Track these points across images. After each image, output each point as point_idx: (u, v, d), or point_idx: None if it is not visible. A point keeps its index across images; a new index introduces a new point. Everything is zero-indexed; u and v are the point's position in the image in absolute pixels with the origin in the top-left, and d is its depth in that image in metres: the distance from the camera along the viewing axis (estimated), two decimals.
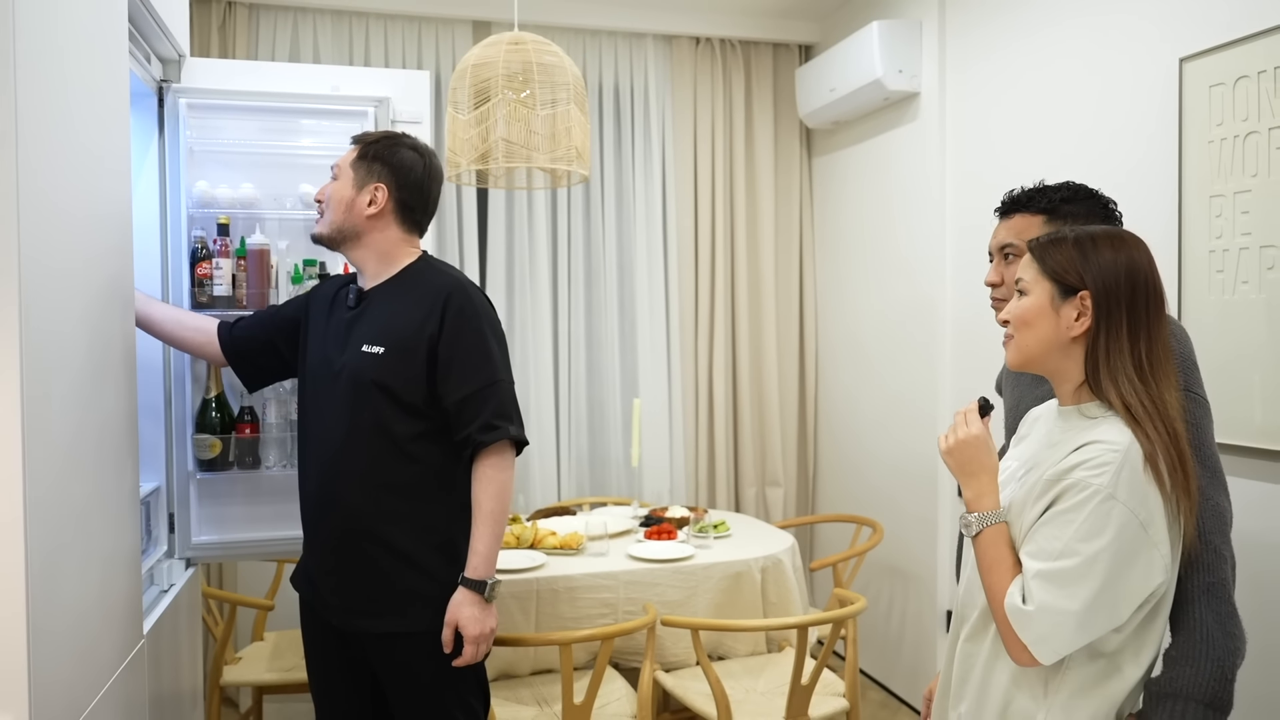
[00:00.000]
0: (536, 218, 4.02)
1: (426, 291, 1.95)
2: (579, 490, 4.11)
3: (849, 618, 2.50)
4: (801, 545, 4.26)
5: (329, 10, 3.78)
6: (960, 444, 1.40)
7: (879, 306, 3.86)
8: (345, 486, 1.91)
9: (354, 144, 2.04)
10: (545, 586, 2.70)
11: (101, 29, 1.69)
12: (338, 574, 1.94)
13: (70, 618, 1.44)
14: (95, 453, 1.58)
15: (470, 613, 1.86)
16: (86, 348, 1.55)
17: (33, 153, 1.31)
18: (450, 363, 1.90)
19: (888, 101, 3.67)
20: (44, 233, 1.36)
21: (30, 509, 1.28)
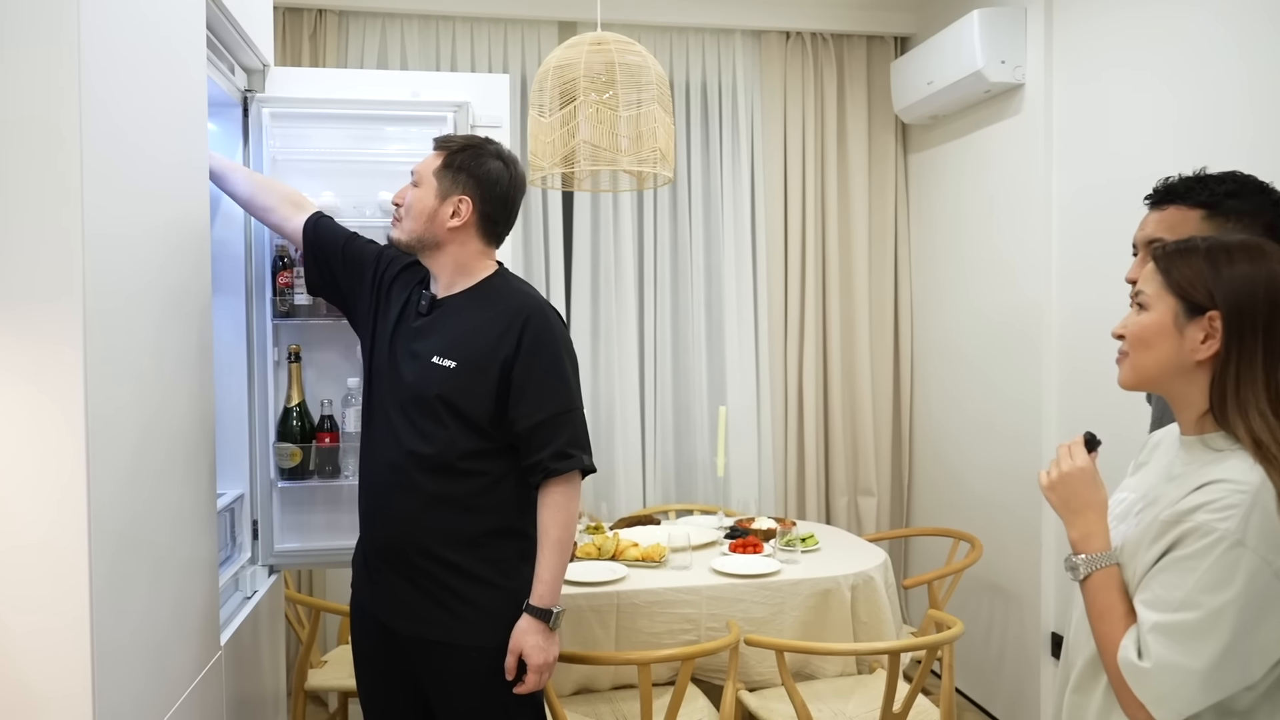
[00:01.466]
0: (622, 220, 3.96)
1: (504, 311, 1.89)
2: (664, 497, 4.03)
3: (944, 644, 2.36)
4: (895, 559, 4.10)
5: (416, 15, 3.79)
6: (1064, 478, 1.27)
7: (978, 310, 3.67)
8: (401, 496, 1.88)
9: (437, 148, 1.96)
10: (626, 600, 2.63)
11: (179, 41, 1.69)
12: (392, 583, 1.91)
13: (138, 633, 1.43)
14: (166, 463, 1.58)
15: (534, 641, 1.81)
16: (157, 356, 1.55)
17: (99, 158, 1.30)
18: (525, 387, 1.85)
19: (989, 94, 3.48)
20: (111, 242, 1.35)
21: (95, 522, 1.27)
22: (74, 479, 1.24)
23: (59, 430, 1.24)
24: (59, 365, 1.23)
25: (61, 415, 1.23)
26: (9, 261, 1.22)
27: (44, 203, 1.23)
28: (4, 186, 1.22)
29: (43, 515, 1.24)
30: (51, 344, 1.23)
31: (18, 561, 1.23)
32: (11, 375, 1.22)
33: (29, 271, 1.22)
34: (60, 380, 1.23)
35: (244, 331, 2.35)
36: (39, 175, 1.23)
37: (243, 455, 2.36)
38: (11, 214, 1.22)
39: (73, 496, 1.24)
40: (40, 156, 1.23)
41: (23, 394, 1.23)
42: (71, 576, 1.24)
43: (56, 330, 1.23)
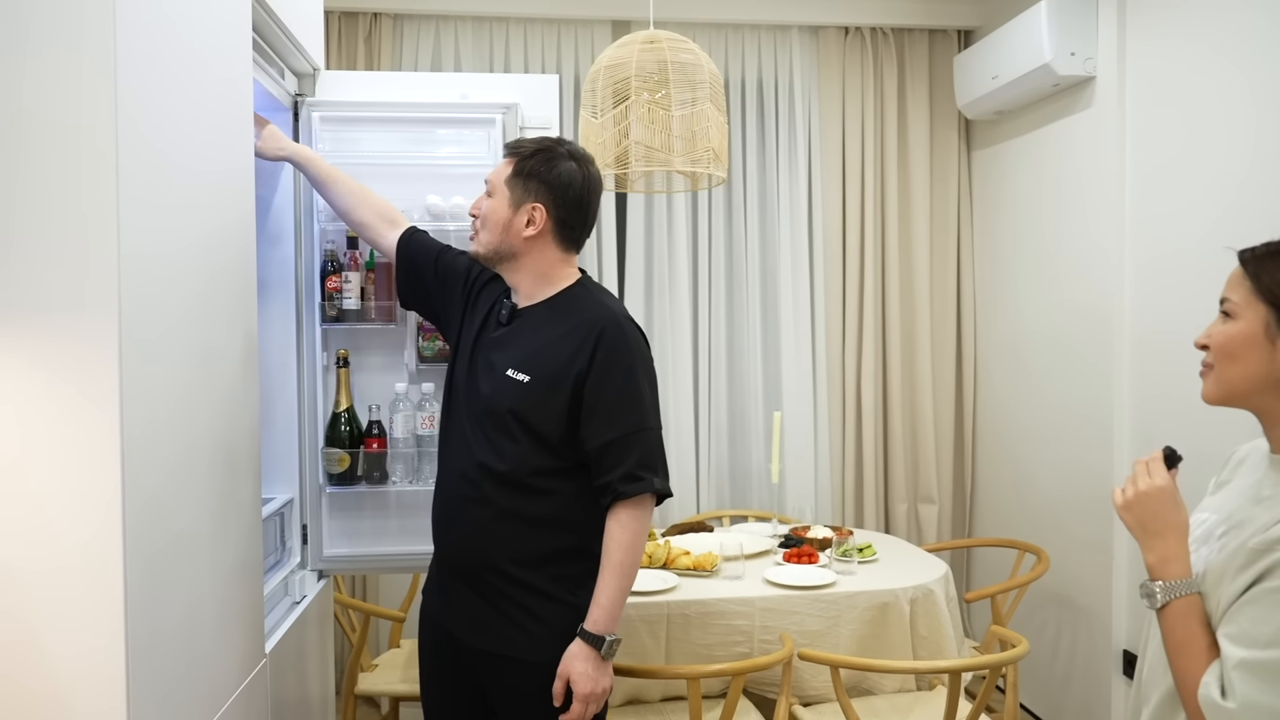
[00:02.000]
0: (676, 221, 3.90)
1: (580, 323, 1.81)
2: (718, 502, 3.96)
3: (1008, 664, 2.26)
4: (956, 570, 3.99)
5: (469, 17, 3.78)
6: (1141, 497, 1.18)
7: (1045, 312, 3.54)
8: (472, 507, 1.84)
9: (508, 155, 1.89)
10: (677, 611, 2.58)
11: (223, 44, 1.68)
12: (461, 595, 1.87)
13: (177, 643, 1.42)
14: (209, 472, 1.57)
15: (582, 669, 1.74)
16: (199, 364, 1.54)
17: (134, 163, 1.29)
18: (596, 404, 1.78)
19: (1057, 88, 3.34)
20: (147, 249, 1.33)
21: (130, 531, 1.25)
22: (108, 488, 1.23)
23: (94, 440, 1.22)
24: (94, 375, 1.22)
25: (96, 425, 1.22)
26: (44, 269, 1.21)
27: (78, 207, 1.22)
28: (38, 192, 1.21)
29: (77, 522, 1.23)
30: (86, 353, 1.22)
31: (52, 571, 1.22)
32: (47, 384, 1.21)
33: (64, 279, 1.21)
34: (95, 390, 1.22)
35: (294, 336, 2.35)
36: (74, 179, 1.22)
37: (293, 460, 2.36)
38: (46, 220, 1.21)
39: (107, 506, 1.23)
40: (73, 160, 1.22)
41: (57, 404, 1.22)
42: (105, 587, 1.23)
43: (91, 339, 1.22)
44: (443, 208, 2.34)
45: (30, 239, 1.21)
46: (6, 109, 1.20)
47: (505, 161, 1.88)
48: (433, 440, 2.32)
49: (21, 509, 1.22)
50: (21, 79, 1.20)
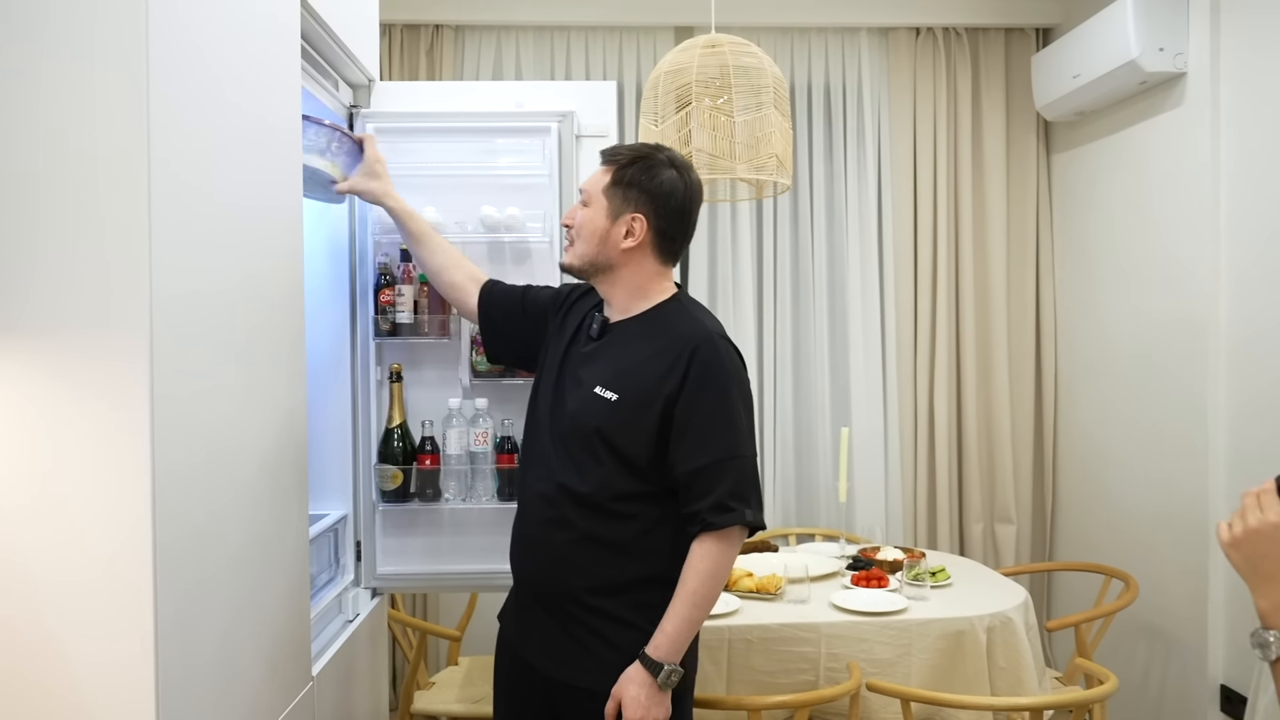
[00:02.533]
0: (740, 230, 3.80)
1: (673, 341, 1.72)
2: (785, 519, 3.84)
3: (1095, 701, 2.10)
4: (1036, 595, 3.80)
5: (530, 27, 3.75)
6: (1251, 535, 1.05)
7: (1133, 323, 3.34)
8: (551, 530, 1.76)
9: (605, 163, 1.80)
10: (738, 635, 2.48)
11: (271, 57, 1.64)
12: (538, 621, 1.80)
13: (212, 665, 1.37)
14: (250, 491, 1.53)
15: (635, 694, 1.65)
16: (241, 377, 1.50)
17: (169, 179, 1.25)
18: (686, 427, 1.68)
19: (1144, 86, 3.16)
20: (181, 265, 1.30)
21: (161, 550, 1.21)
22: (137, 507, 1.19)
23: (123, 459, 1.18)
24: (122, 393, 1.18)
25: (125, 444, 1.18)
26: (70, 286, 1.18)
27: (102, 224, 1.18)
28: (66, 208, 1.18)
29: (104, 540, 1.19)
30: (115, 369, 1.18)
31: (81, 591, 1.19)
32: (76, 401, 1.18)
33: (90, 295, 1.18)
34: (124, 408, 1.18)
35: (348, 349, 2.32)
36: (100, 194, 1.18)
37: (347, 476, 2.33)
38: (73, 235, 1.18)
39: (136, 524, 1.19)
40: (101, 174, 1.18)
41: (88, 421, 1.18)
42: (134, 606, 1.19)
43: (119, 355, 1.18)
44: (497, 219, 2.29)
45: (58, 256, 1.17)
46: (31, 116, 1.17)
47: (602, 170, 1.80)
48: (486, 458, 2.27)
49: (50, 527, 1.18)
50: (40, 86, 1.17)
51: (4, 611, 1.18)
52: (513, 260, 2.37)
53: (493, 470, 2.28)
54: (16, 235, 1.17)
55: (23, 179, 1.17)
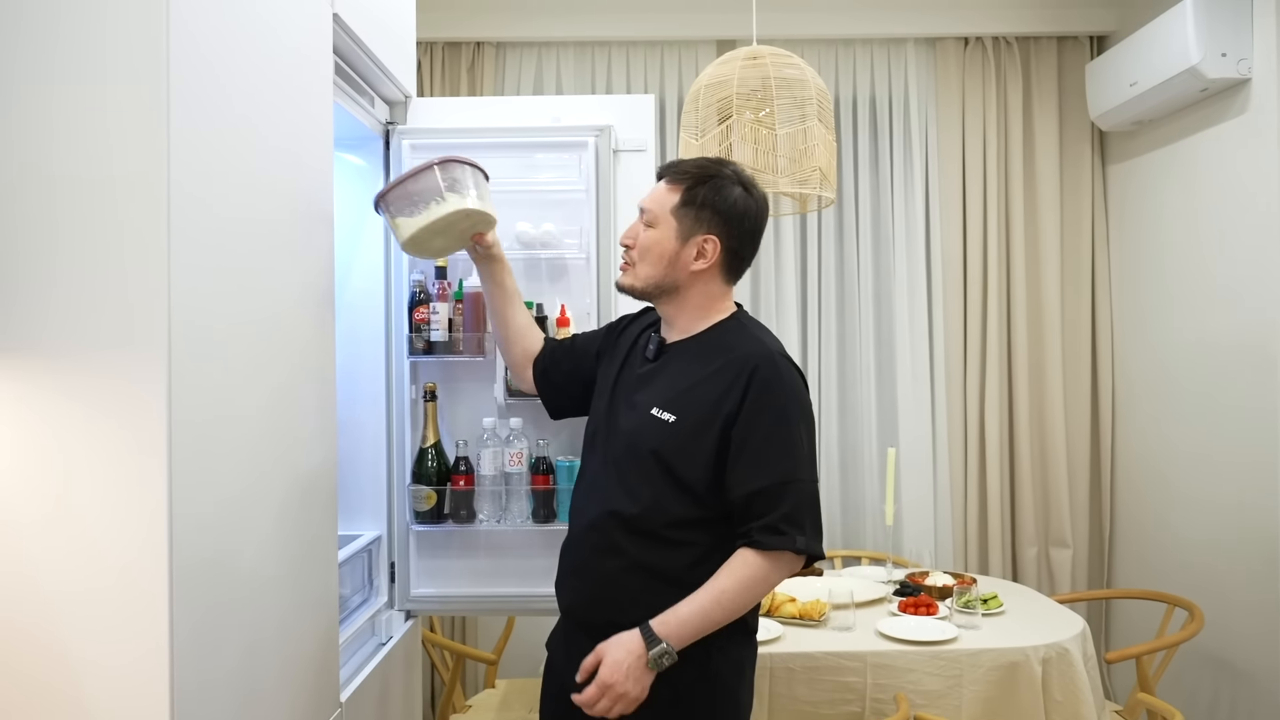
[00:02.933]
0: (784, 245, 3.73)
1: (733, 360, 1.66)
2: (830, 541, 3.74)
3: None
4: (1094, 622, 3.66)
5: (571, 43, 3.73)
6: None
7: (1196, 339, 3.20)
8: (601, 558, 1.70)
9: (671, 181, 1.72)
10: (780, 664, 2.39)
11: (301, 76, 1.62)
12: (586, 649, 1.70)
13: (231, 693, 1.33)
14: (277, 512, 1.49)
15: (619, 658, 1.57)
16: (267, 400, 1.47)
17: (193, 194, 1.22)
18: (744, 449, 1.62)
19: (1206, 93, 3.04)
20: (202, 279, 1.27)
21: (178, 574, 1.17)
22: (155, 528, 1.15)
23: (139, 480, 1.15)
24: (140, 414, 1.15)
25: (142, 466, 1.15)
26: (95, 306, 1.15)
27: (128, 245, 1.16)
28: (85, 230, 1.16)
29: (120, 562, 1.16)
30: (132, 390, 1.15)
31: (96, 612, 1.16)
32: (91, 421, 1.15)
33: (114, 314, 1.15)
34: (141, 429, 1.15)
35: (384, 368, 2.30)
36: (126, 216, 1.16)
37: (381, 496, 2.30)
38: (92, 255, 1.15)
39: (153, 547, 1.16)
40: (123, 196, 1.16)
41: (102, 441, 1.15)
42: (150, 630, 1.15)
43: (138, 378, 1.15)
44: (533, 235, 2.25)
45: (76, 277, 1.15)
46: (50, 134, 1.16)
47: (668, 189, 1.71)
48: (520, 479, 2.22)
49: (62, 545, 1.15)
50: (57, 102, 1.15)
51: (17, 631, 1.15)
52: (549, 277, 2.33)
53: (528, 491, 2.23)
54: (36, 256, 1.15)
55: (42, 198, 1.16)
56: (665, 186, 1.72)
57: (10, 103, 1.15)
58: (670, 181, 1.72)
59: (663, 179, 1.75)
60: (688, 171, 1.71)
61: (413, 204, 1.81)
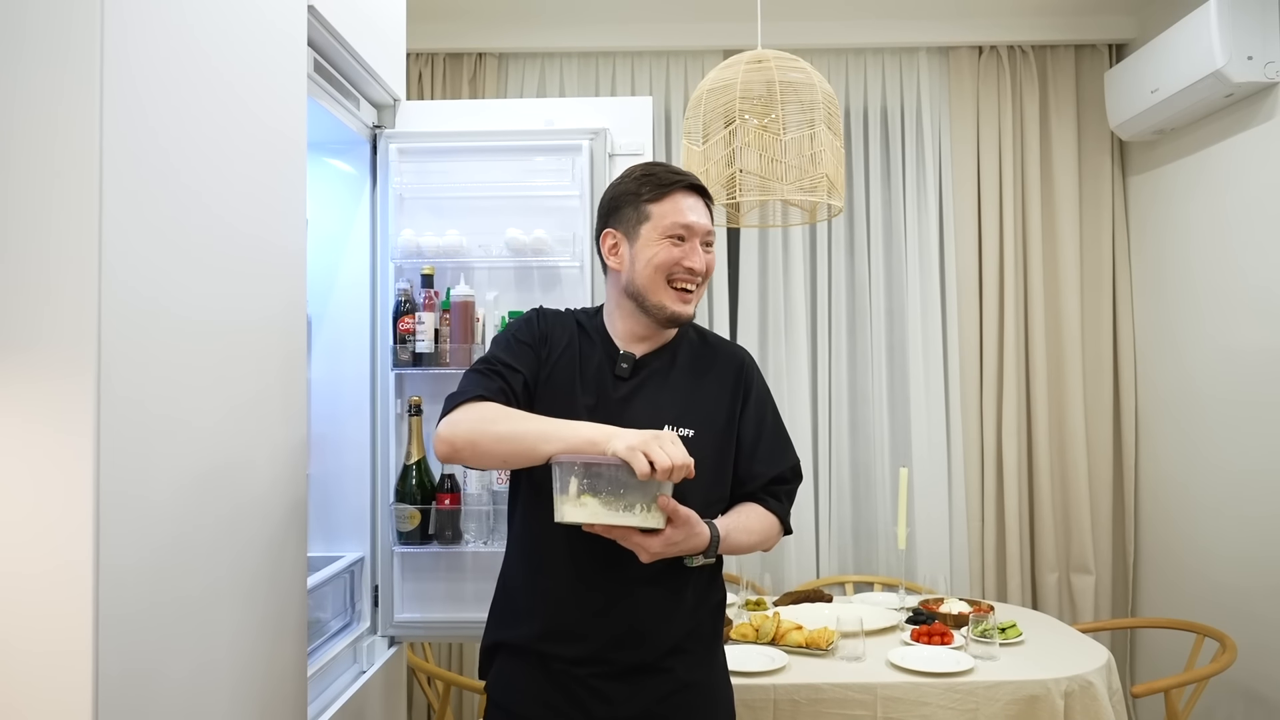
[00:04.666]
0: (793, 257, 3.62)
1: (722, 360, 1.67)
2: (840, 567, 3.60)
3: None
4: (1118, 652, 3.49)
5: (574, 53, 3.65)
6: None
7: (1224, 355, 3.06)
8: (636, 592, 1.55)
9: (705, 198, 1.64)
10: (784, 695, 2.26)
11: (269, 61, 1.53)
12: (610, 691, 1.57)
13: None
14: (230, 530, 1.39)
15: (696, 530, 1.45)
16: (227, 409, 1.37)
17: (130, 184, 1.13)
18: (758, 440, 1.64)
19: (1231, 99, 2.92)
20: (143, 288, 1.17)
21: (105, 598, 1.07)
22: (80, 548, 1.05)
23: (68, 492, 1.06)
24: (63, 441, 1.05)
25: (66, 500, 1.05)
26: (21, 302, 1.06)
27: (53, 234, 1.06)
28: (16, 220, 1.06)
29: (45, 582, 1.06)
30: (57, 389, 1.05)
31: (20, 642, 1.05)
32: (21, 427, 1.05)
33: (41, 310, 1.06)
34: (65, 457, 1.05)
35: (368, 380, 2.20)
36: (52, 208, 1.07)
37: (364, 515, 2.20)
38: (23, 250, 1.06)
39: (78, 570, 1.05)
40: (57, 188, 1.06)
41: (32, 447, 1.05)
42: (75, 666, 1.05)
43: (60, 399, 1.05)
44: (524, 241, 2.15)
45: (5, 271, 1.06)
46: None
47: (707, 208, 1.62)
48: (507, 497, 2.11)
49: None
50: None
51: None
52: (541, 286, 2.23)
53: None
54: None
55: None
56: (704, 207, 1.62)
57: None
58: (705, 199, 1.63)
59: (700, 197, 1.61)
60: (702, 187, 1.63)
61: (615, 493, 1.41)
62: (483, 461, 1.48)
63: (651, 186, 1.57)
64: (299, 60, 1.68)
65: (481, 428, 1.43)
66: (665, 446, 1.35)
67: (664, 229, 1.55)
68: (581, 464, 1.37)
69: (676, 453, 1.34)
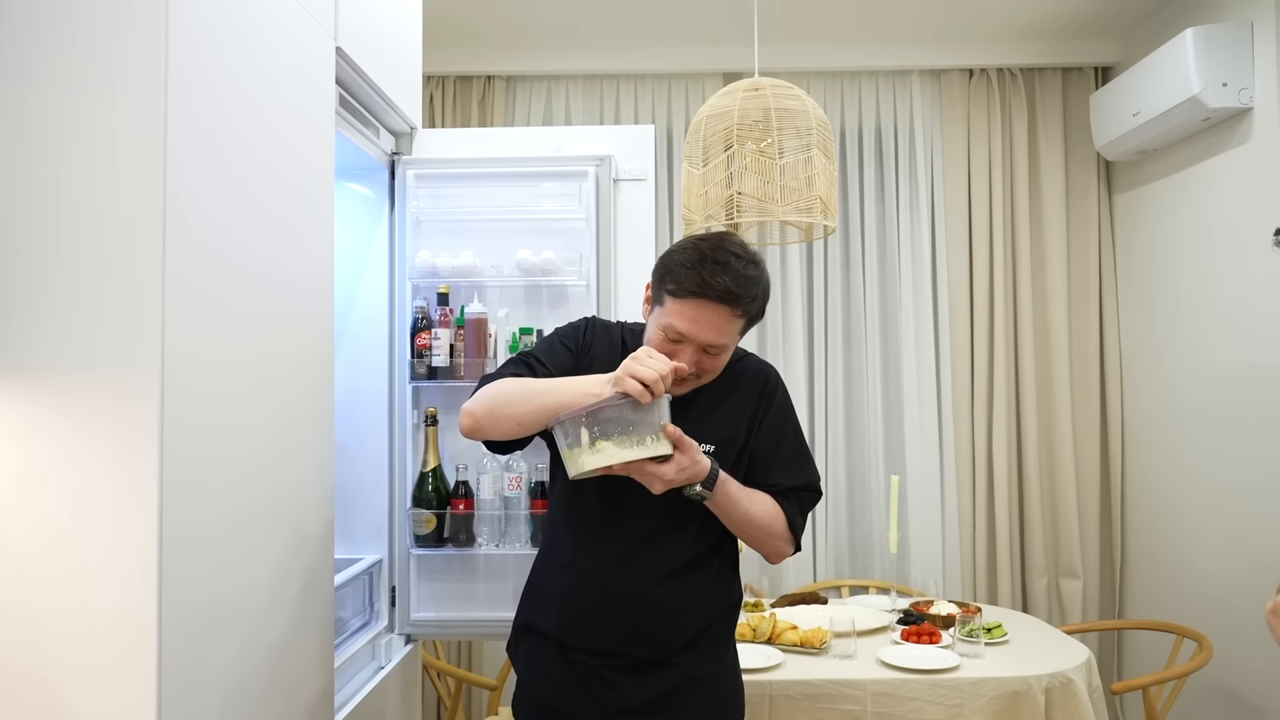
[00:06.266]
0: (790, 273, 3.75)
1: (746, 378, 1.74)
2: (837, 571, 3.73)
3: None
4: (1106, 655, 3.61)
5: (580, 76, 3.79)
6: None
7: (1204, 369, 3.19)
8: (644, 591, 1.67)
9: (739, 311, 1.59)
10: (780, 691, 2.38)
11: (299, 103, 1.67)
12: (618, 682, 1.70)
13: (221, 715, 1.35)
14: (269, 536, 1.52)
15: (697, 458, 1.54)
16: (265, 427, 1.50)
17: (190, 216, 1.27)
18: (775, 453, 1.72)
19: (1208, 123, 3.05)
20: (200, 303, 1.30)
21: (168, 594, 1.20)
22: (145, 550, 1.18)
23: (133, 502, 1.18)
24: (132, 434, 1.18)
25: (134, 488, 1.18)
26: (88, 325, 1.19)
27: (118, 269, 1.20)
28: (82, 252, 1.20)
29: (113, 583, 1.19)
30: (127, 411, 1.18)
31: (86, 633, 1.18)
32: (87, 440, 1.18)
33: (108, 335, 1.19)
34: (133, 451, 1.18)
35: (387, 393, 2.33)
36: (126, 239, 1.20)
37: (383, 519, 2.32)
38: (88, 280, 1.19)
39: (143, 567, 1.18)
40: (125, 221, 1.20)
41: (99, 462, 1.18)
42: (141, 655, 1.18)
43: (129, 396, 1.18)
44: (533, 262, 2.29)
45: (72, 299, 1.19)
46: (54, 157, 1.20)
47: (731, 318, 1.58)
48: (519, 503, 2.25)
49: (62, 570, 1.18)
50: (52, 122, 1.20)
51: (10, 651, 1.18)
52: (549, 303, 2.37)
53: (526, 516, 2.25)
54: (35, 277, 1.19)
55: (46, 215, 1.20)
56: (731, 317, 1.59)
57: (19, 124, 1.20)
58: (738, 312, 1.60)
59: (722, 307, 1.58)
60: (754, 298, 1.61)
61: (625, 431, 1.49)
62: (501, 427, 1.57)
63: (681, 282, 1.56)
64: (328, 99, 1.81)
65: (496, 398, 1.56)
66: (644, 361, 1.46)
67: (664, 325, 1.59)
68: (587, 414, 1.46)
69: (655, 363, 1.45)
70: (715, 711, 1.75)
